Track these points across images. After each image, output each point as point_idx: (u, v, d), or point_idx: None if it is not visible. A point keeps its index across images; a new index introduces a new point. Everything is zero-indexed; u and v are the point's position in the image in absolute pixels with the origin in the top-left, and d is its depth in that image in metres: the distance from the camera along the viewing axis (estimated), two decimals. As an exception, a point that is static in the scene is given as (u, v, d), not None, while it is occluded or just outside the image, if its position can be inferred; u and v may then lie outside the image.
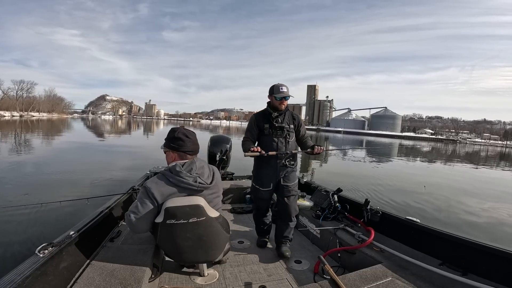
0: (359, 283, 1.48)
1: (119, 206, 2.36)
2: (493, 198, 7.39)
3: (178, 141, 1.59)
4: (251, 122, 2.32)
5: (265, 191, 2.27)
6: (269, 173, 2.23)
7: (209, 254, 1.68)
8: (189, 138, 1.61)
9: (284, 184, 2.25)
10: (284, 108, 2.24)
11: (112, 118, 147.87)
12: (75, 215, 2.93)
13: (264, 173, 2.26)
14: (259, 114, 2.32)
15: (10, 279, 1.13)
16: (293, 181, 2.28)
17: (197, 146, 1.66)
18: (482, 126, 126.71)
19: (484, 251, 1.55)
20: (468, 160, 19.01)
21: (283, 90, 2.18)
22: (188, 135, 1.62)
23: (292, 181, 2.27)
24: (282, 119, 2.25)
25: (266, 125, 2.22)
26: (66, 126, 35.57)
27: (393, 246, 1.91)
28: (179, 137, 1.59)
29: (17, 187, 5.40)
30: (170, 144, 1.62)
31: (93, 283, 1.37)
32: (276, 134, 2.22)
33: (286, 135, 2.22)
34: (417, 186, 7.93)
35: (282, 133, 2.22)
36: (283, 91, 2.18)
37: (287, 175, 2.26)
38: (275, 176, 2.24)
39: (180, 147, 1.59)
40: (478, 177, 11.94)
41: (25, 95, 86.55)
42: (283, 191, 2.25)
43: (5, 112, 65.81)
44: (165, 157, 1.69)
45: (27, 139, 15.87)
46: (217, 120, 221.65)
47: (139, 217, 1.45)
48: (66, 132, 24.14)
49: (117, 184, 5.78)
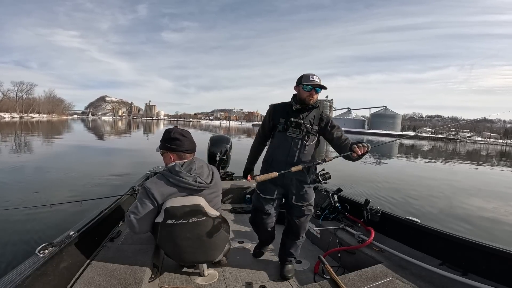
0: (359, 283, 1.48)
1: (119, 206, 2.36)
2: (494, 197, 7.39)
3: (175, 141, 1.58)
4: (266, 113, 1.95)
5: (266, 199, 1.86)
6: (275, 179, 1.76)
7: (209, 254, 1.68)
8: (185, 137, 1.60)
9: (297, 204, 1.85)
10: (313, 102, 1.79)
11: (112, 119, 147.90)
12: (75, 216, 2.93)
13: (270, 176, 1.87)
14: (278, 105, 1.92)
15: (10, 279, 1.13)
16: (308, 200, 1.86)
17: (194, 145, 1.66)
18: (482, 124, 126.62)
19: (484, 251, 1.55)
20: (468, 159, 18.99)
21: (314, 78, 1.75)
22: (184, 134, 1.61)
23: (307, 200, 1.85)
24: (304, 116, 1.81)
25: (282, 120, 1.82)
26: (66, 127, 35.58)
27: (393, 246, 1.90)
28: (176, 137, 1.58)
29: (17, 188, 5.40)
30: (167, 145, 1.60)
31: (93, 283, 1.37)
32: (292, 132, 1.80)
33: (304, 136, 1.80)
34: (417, 186, 7.93)
35: (300, 132, 1.79)
36: (314, 80, 1.75)
37: (301, 191, 1.84)
38: (284, 185, 1.84)
39: (178, 147, 1.58)
40: (479, 175, 11.94)
41: (24, 96, 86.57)
42: (294, 211, 1.88)
43: (5, 113, 65.77)
44: (162, 159, 1.68)
45: (27, 140, 15.88)
46: (217, 120, 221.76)
47: (139, 218, 1.45)
48: (66, 134, 24.14)
49: (117, 184, 5.78)
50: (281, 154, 1.85)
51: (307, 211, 1.88)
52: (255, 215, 1.96)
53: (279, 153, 1.85)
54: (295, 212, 1.88)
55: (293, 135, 1.81)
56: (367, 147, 1.56)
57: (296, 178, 1.83)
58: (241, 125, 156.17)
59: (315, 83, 1.75)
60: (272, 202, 1.87)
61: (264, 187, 1.86)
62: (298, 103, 1.81)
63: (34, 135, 19.56)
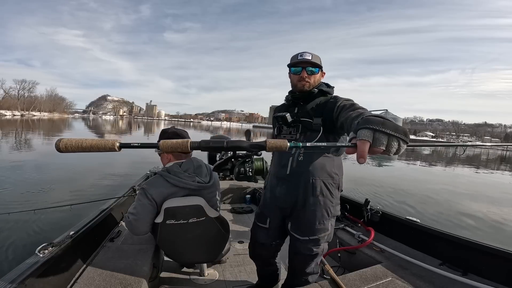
0: (359, 283, 1.48)
1: (119, 206, 2.36)
2: (493, 200, 7.38)
3: None
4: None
5: (259, 226, 1.50)
6: (269, 200, 1.42)
7: (209, 254, 1.68)
8: (183, 137, 1.59)
9: (293, 233, 1.36)
10: (308, 86, 1.31)
11: (113, 118, 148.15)
12: (75, 216, 2.93)
13: (266, 196, 1.49)
14: (279, 105, 1.55)
15: (10, 279, 1.13)
16: (314, 231, 1.31)
17: None
18: (483, 129, 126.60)
19: (484, 251, 1.55)
20: (468, 163, 18.97)
21: (303, 56, 1.28)
22: (181, 134, 1.59)
23: (312, 231, 1.31)
24: (302, 109, 1.33)
25: (280, 121, 1.39)
26: (67, 126, 35.61)
27: (393, 246, 1.91)
28: (173, 137, 1.56)
29: (17, 189, 5.41)
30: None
31: (93, 283, 1.37)
32: (285, 132, 1.37)
33: (301, 134, 1.31)
34: (417, 188, 7.92)
35: (295, 130, 1.33)
36: (303, 57, 1.28)
37: (302, 216, 1.32)
38: (277, 208, 1.41)
39: None
40: (479, 179, 11.93)
41: (26, 94, 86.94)
42: (291, 244, 1.41)
43: (6, 111, 65.99)
44: (160, 159, 1.67)
45: (28, 138, 15.89)
46: (218, 121, 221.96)
47: (138, 219, 1.45)
48: (68, 132, 24.16)
49: (117, 184, 5.79)
50: (273, 166, 1.44)
51: (305, 250, 1.33)
52: (250, 242, 1.62)
53: (272, 165, 1.47)
54: (291, 246, 1.41)
55: (287, 137, 1.35)
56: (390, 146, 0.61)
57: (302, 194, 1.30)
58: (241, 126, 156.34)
59: (302, 59, 1.27)
60: (266, 231, 1.46)
61: (259, 211, 1.53)
62: (293, 94, 1.38)
63: (35, 133, 19.58)
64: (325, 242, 1.39)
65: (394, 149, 0.61)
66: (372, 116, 0.67)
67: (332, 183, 1.31)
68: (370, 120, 0.64)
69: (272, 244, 1.51)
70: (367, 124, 0.63)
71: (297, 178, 1.30)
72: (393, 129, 0.60)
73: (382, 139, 0.60)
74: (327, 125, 1.23)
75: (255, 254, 1.62)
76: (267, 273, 1.67)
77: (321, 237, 1.32)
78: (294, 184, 1.32)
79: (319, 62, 1.30)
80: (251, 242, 1.60)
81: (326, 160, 1.30)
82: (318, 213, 1.29)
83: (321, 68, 1.33)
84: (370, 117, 0.66)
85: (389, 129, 0.61)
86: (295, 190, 1.32)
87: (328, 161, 1.30)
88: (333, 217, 1.35)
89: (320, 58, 1.32)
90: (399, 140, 0.61)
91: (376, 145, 0.60)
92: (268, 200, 1.45)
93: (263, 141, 0.69)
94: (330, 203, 1.31)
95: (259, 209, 1.54)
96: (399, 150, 0.61)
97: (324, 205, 1.29)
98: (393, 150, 0.61)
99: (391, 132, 0.60)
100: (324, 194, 1.29)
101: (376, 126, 0.62)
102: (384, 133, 0.61)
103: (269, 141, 0.69)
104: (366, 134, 0.61)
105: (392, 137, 0.60)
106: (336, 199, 1.34)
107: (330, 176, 1.30)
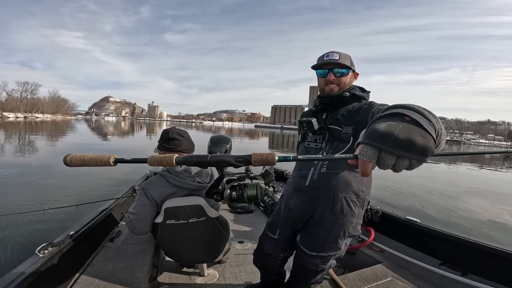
0: (359, 283, 1.48)
1: (119, 206, 2.37)
2: (495, 199, 7.33)
3: (173, 141, 1.57)
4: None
5: (267, 236, 1.40)
6: (282, 211, 1.33)
7: (209, 254, 1.69)
8: (184, 137, 1.60)
9: (301, 246, 1.26)
10: (336, 90, 1.18)
11: (115, 119, 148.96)
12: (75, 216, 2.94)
13: (280, 206, 1.38)
14: (308, 109, 1.42)
15: (10, 279, 1.14)
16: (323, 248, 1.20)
17: (193, 145, 1.65)
18: (486, 127, 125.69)
19: (484, 251, 1.54)
20: (471, 161, 18.83)
21: (329, 56, 1.17)
22: (182, 134, 1.60)
23: (322, 247, 1.20)
24: (331, 115, 1.21)
25: (306, 126, 1.26)
26: (70, 127, 35.81)
27: (393, 246, 1.90)
28: (174, 137, 1.57)
29: (17, 191, 5.45)
30: (165, 145, 1.58)
31: (93, 283, 1.38)
32: (310, 140, 1.26)
33: (327, 143, 1.19)
34: (417, 187, 7.88)
35: (323, 139, 1.21)
36: (330, 58, 1.17)
37: (312, 231, 1.21)
38: (289, 220, 1.29)
39: (176, 147, 1.57)
40: (481, 178, 11.84)
41: (29, 96, 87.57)
42: (297, 255, 1.33)
43: (9, 113, 66.52)
44: None
45: (31, 140, 16.01)
46: (220, 121, 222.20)
47: (138, 219, 1.45)
48: (71, 134, 24.31)
49: (117, 184, 5.81)
50: (292, 175, 1.34)
51: (311, 265, 1.23)
52: (256, 249, 1.52)
53: (292, 174, 1.35)
54: (297, 256, 1.32)
55: (311, 145, 1.24)
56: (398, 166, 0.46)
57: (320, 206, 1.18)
58: (243, 126, 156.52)
59: (328, 61, 1.16)
60: (275, 242, 1.36)
61: (271, 220, 1.43)
62: (321, 99, 1.25)
63: (38, 135, 19.72)
64: (334, 260, 1.28)
65: (403, 168, 0.46)
66: (384, 123, 0.49)
67: (356, 201, 1.14)
68: (378, 131, 0.47)
69: (279, 256, 1.38)
70: (372, 139, 0.47)
71: (316, 192, 1.17)
72: (406, 148, 0.44)
73: (388, 160, 0.46)
74: (359, 135, 1.00)
75: (260, 263, 1.53)
76: (271, 280, 1.59)
77: (331, 255, 1.21)
78: (312, 197, 1.18)
79: (348, 63, 1.17)
80: (256, 250, 1.50)
81: (354, 175, 1.13)
82: (334, 231, 1.16)
83: (351, 69, 1.18)
84: (380, 126, 0.48)
85: (400, 148, 0.44)
86: (311, 205, 1.18)
87: (356, 176, 1.13)
88: (350, 237, 1.22)
89: (351, 57, 1.20)
90: (412, 160, 0.45)
91: (380, 165, 0.47)
92: (282, 210, 1.34)
93: (249, 155, 0.62)
94: (350, 223, 1.16)
95: (271, 218, 1.44)
96: (411, 167, 0.46)
97: (342, 224, 1.15)
98: (401, 169, 0.47)
99: (401, 153, 0.44)
100: (344, 213, 1.13)
101: (383, 144, 0.45)
102: (391, 153, 0.45)
103: (255, 154, 0.62)
104: (368, 153, 0.47)
105: (402, 158, 0.45)
106: (358, 218, 1.18)
107: (356, 193, 1.14)
